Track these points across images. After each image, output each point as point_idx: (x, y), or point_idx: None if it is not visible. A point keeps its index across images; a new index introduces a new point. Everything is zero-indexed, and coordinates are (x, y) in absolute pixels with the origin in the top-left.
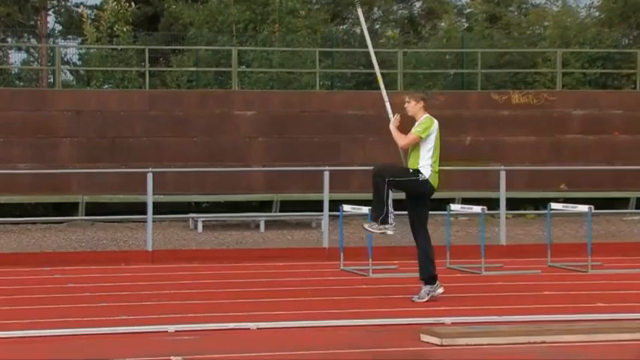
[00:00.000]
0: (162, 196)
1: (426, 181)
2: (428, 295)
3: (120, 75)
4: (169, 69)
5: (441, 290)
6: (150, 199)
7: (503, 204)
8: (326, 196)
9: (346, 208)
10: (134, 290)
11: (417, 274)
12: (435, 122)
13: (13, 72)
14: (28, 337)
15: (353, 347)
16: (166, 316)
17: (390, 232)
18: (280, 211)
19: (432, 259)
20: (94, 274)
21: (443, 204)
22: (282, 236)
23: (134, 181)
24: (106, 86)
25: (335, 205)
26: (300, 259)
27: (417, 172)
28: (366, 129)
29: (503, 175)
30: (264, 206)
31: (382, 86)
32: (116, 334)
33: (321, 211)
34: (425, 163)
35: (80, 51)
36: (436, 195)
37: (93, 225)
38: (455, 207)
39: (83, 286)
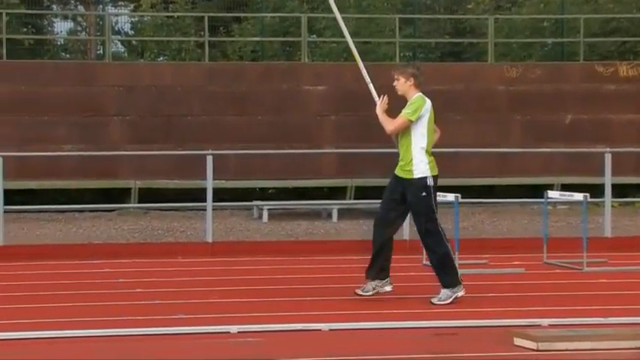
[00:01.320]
0: (223, 182)
1: (433, 180)
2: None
3: (176, 46)
4: (231, 39)
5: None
6: (209, 184)
7: (608, 191)
8: None
9: None
10: (192, 286)
11: (511, 271)
12: (428, 102)
13: (59, 43)
14: (75, 337)
15: (437, 352)
16: (228, 315)
17: (460, 294)
18: (355, 199)
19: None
20: (147, 268)
21: (540, 191)
22: (357, 227)
23: (192, 165)
24: (161, 58)
25: None
26: None
27: (424, 182)
28: (451, 106)
29: (608, 158)
30: (336, 193)
31: (361, 64)
32: (172, 334)
33: None
34: (418, 154)
35: (132, 19)
36: (532, 181)
37: (146, 213)
38: (553, 194)
39: (135, 282)
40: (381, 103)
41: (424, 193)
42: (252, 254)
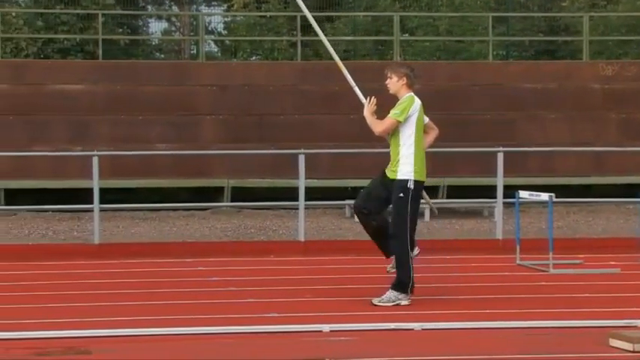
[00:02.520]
0: (315, 181)
1: (415, 183)
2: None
3: (269, 45)
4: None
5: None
6: (302, 183)
7: None
8: (500, 181)
9: (523, 194)
10: (285, 285)
11: (607, 271)
12: (417, 102)
13: (153, 43)
14: (169, 335)
15: (530, 352)
16: (320, 314)
17: (404, 303)
18: (447, 198)
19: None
20: (240, 266)
21: (636, 190)
22: (449, 226)
23: (284, 164)
24: (254, 58)
25: (510, 190)
26: (470, 251)
27: (404, 183)
28: (545, 104)
29: None
30: (428, 192)
31: (343, 69)
32: (265, 333)
33: (494, 197)
34: (406, 152)
35: (226, 19)
36: (628, 180)
37: (239, 212)
38: None
39: (228, 280)
40: (368, 105)
41: (401, 194)
42: (344, 253)
